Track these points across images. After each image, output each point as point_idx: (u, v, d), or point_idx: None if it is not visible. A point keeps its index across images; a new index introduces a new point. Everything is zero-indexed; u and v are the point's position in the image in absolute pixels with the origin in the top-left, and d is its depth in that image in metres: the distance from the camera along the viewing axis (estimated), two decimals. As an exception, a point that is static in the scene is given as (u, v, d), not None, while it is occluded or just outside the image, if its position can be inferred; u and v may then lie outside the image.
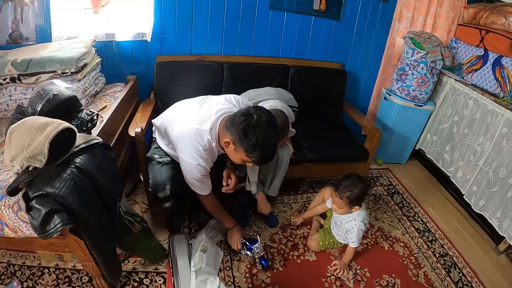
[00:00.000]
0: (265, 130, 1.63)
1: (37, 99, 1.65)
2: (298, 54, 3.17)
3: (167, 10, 2.65)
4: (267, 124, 1.65)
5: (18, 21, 2.34)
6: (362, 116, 3.13)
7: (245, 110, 1.70)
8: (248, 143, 1.63)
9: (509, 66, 2.75)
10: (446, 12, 3.25)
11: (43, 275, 1.98)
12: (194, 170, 1.82)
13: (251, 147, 1.64)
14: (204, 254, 2.06)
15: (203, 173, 1.85)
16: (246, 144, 1.64)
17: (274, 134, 1.69)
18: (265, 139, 1.63)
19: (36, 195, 1.31)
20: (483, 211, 2.68)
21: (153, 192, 2.00)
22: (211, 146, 1.82)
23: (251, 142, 1.62)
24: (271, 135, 1.66)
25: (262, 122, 1.64)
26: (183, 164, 1.85)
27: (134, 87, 2.72)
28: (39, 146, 1.30)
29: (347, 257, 2.27)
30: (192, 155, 1.78)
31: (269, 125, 1.66)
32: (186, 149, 1.79)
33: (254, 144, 1.62)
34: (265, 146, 1.65)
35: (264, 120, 1.65)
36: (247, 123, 1.64)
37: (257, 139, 1.62)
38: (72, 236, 1.49)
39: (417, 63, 3.04)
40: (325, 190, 2.55)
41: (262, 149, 1.65)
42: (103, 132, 1.92)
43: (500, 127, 2.56)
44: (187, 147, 1.79)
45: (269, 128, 1.66)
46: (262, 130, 1.62)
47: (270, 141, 1.67)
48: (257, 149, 1.64)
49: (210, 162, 1.88)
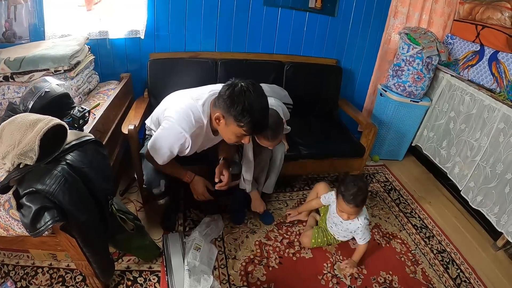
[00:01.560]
0: (250, 96, 1.60)
1: (29, 96, 1.63)
2: (292, 50, 3.15)
3: (161, 7, 2.64)
4: (253, 91, 1.62)
5: (12, 20, 2.32)
6: (358, 112, 3.11)
7: (230, 82, 1.68)
8: (236, 110, 1.60)
9: (506, 61, 2.74)
10: (442, 8, 3.24)
11: (37, 275, 1.97)
12: (177, 138, 1.77)
13: (239, 114, 1.60)
14: (197, 252, 2.04)
15: (180, 144, 1.79)
16: (234, 111, 1.61)
17: (262, 100, 1.67)
18: (252, 104, 1.60)
19: (26, 192, 1.30)
20: (481, 207, 2.67)
21: (148, 189, 1.99)
22: (202, 122, 1.80)
23: (238, 108, 1.59)
24: (258, 100, 1.64)
25: (248, 89, 1.61)
26: (165, 127, 1.80)
27: (128, 85, 2.71)
28: (30, 143, 1.29)
29: (358, 255, 2.25)
30: (183, 121, 1.75)
31: (255, 91, 1.63)
32: (179, 115, 1.77)
33: (241, 110, 1.59)
34: (253, 111, 1.61)
35: (250, 87, 1.63)
36: (231, 91, 1.62)
37: (243, 104, 1.59)
38: (63, 234, 1.48)
39: (413, 59, 3.03)
40: (319, 185, 2.55)
41: (251, 115, 1.61)
42: (95, 130, 1.91)
43: (497, 122, 2.55)
44: (179, 114, 1.77)
45: (256, 93, 1.63)
46: (248, 96, 1.60)
47: (258, 106, 1.64)
48: (246, 115, 1.60)
49: (193, 141, 1.83)
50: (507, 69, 2.72)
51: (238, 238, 2.38)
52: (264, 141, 2.08)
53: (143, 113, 2.44)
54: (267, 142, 2.07)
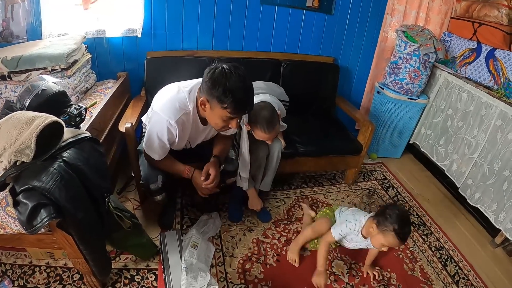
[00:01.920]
0: (232, 77, 1.61)
1: (26, 94, 1.63)
2: (289, 48, 3.15)
3: (158, 6, 2.64)
4: (234, 71, 1.63)
5: (9, 19, 2.31)
6: (355, 110, 3.11)
7: (212, 65, 1.68)
8: (218, 91, 1.61)
9: (503, 58, 2.75)
10: (439, 6, 3.25)
11: (34, 274, 1.96)
12: (163, 129, 1.79)
13: (221, 94, 1.61)
14: (194, 249, 2.04)
15: (167, 132, 1.80)
16: (216, 93, 1.62)
17: (244, 80, 1.66)
18: (234, 84, 1.61)
19: (22, 189, 1.30)
20: (479, 204, 2.68)
21: (145, 184, 1.99)
22: (188, 109, 1.81)
23: (220, 89, 1.60)
24: (239, 79, 1.63)
25: (230, 70, 1.62)
26: (153, 119, 1.83)
27: (125, 84, 2.71)
28: (26, 140, 1.29)
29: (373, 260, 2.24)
30: (167, 109, 1.78)
31: (237, 72, 1.63)
32: (163, 104, 1.80)
33: (223, 90, 1.60)
34: (235, 91, 1.61)
35: (232, 69, 1.64)
36: (212, 73, 1.63)
37: (225, 85, 1.60)
38: (60, 232, 1.47)
39: (410, 56, 3.03)
40: (323, 223, 2.22)
41: (233, 95, 1.61)
42: (92, 128, 1.91)
43: (494, 119, 2.56)
44: (163, 104, 1.80)
45: (237, 74, 1.63)
46: (229, 77, 1.61)
47: (240, 85, 1.64)
48: (228, 95, 1.61)
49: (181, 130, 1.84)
50: (504, 66, 2.73)
51: (235, 235, 2.38)
52: (260, 133, 2.08)
53: (140, 111, 2.43)
54: (263, 134, 2.08)
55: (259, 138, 2.15)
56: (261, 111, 2.06)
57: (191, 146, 2.12)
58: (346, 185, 3.11)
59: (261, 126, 2.05)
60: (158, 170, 1.99)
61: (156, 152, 1.89)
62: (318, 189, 3.00)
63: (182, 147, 2.07)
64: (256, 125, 2.07)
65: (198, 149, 2.18)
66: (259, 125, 2.05)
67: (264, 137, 2.12)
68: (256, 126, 2.07)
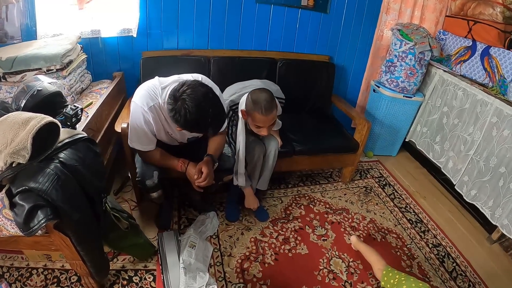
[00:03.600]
0: (184, 103, 1.61)
1: (21, 95, 1.62)
2: (285, 47, 3.15)
3: (153, 5, 2.63)
4: (189, 95, 1.62)
5: (3, 20, 2.30)
6: (351, 108, 3.12)
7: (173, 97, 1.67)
8: (173, 117, 1.67)
9: (497, 56, 2.76)
10: (434, 4, 3.26)
11: (32, 276, 1.95)
12: (139, 115, 1.80)
13: (174, 119, 1.67)
14: (192, 249, 2.04)
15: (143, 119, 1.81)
16: (172, 117, 1.67)
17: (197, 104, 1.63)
18: (186, 112, 1.61)
19: (19, 191, 1.29)
20: (475, 200, 2.68)
21: (141, 181, 1.98)
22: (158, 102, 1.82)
23: (173, 116, 1.66)
24: (192, 104, 1.61)
25: (184, 95, 1.62)
26: (131, 109, 1.85)
27: (121, 84, 2.70)
28: (22, 141, 1.28)
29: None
30: (141, 96, 1.81)
31: (192, 95, 1.62)
32: (139, 93, 1.83)
33: (173, 117, 1.66)
34: (185, 119, 1.63)
35: (187, 93, 1.63)
36: (170, 100, 1.66)
37: (177, 113, 1.63)
38: (57, 233, 1.46)
39: (405, 55, 3.04)
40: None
41: (184, 121, 1.64)
42: (88, 128, 1.90)
43: (490, 116, 2.57)
44: (140, 92, 1.83)
45: (190, 98, 1.62)
46: (182, 103, 1.61)
47: (192, 112, 1.62)
48: (179, 120, 1.65)
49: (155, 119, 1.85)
50: (499, 64, 2.74)
51: (233, 235, 2.38)
52: (257, 115, 2.02)
53: (136, 111, 2.41)
54: (261, 117, 2.02)
55: (256, 125, 2.10)
56: (259, 93, 2.04)
57: (183, 141, 2.11)
58: (343, 183, 3.11)
59: (259, 108, 1.99)
60: (153, 166, 1.99)
61: (141, 142, 1.89)
62: (315, 188, 3.00)
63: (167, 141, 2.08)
64: (254, 107, 2.01)
65: (193, 146, 2.18)
66: (257, 106, 2.00)
67: (262, 121, 2.05)
68: (254, 109, 2.01)
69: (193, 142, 2.16)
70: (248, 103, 2.06)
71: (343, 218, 2.66)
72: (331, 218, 2.65)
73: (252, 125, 2.14)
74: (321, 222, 2.60)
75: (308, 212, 2.68)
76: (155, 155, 1.97)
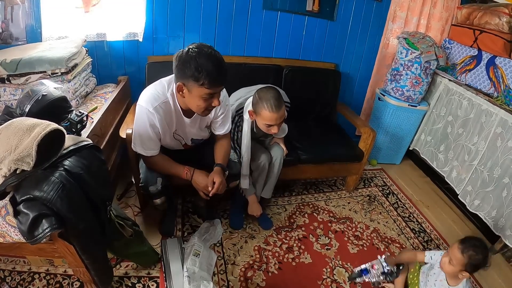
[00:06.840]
0: (200, 52, 1.59)
1: (26, 100, 1.60)
2: (291, 54, 3.14)
3: (159, 10, 2.62)
4: (201, 48, 1.62)
5: (8, 21, 2.29)
6: (356, 117, 3.11)
7: (178, 51, 1.67)
8: (190, 69, 1.59)
9: (503, 66, 2.75)
10: (440, 13, 3.26)
11: (34, 281, 1.94)
12: (143, 117, 1.79)
13: (195, 71, 1.59)
14: (196, 258, 2.02)
15: (149, 121, 1.80)
16: (189, 72, 1.60)
17: (212, 51, 1.64)
18: (203, 58, 1.59)
19: (23, 199, 1.27)
20: (478, 210, 2.68)
21: (144, 187, 1.96)
22: (166, 98, 1.80)
23: (192, 67, 1.58)
24: (208, 52, 1.62)
25: (196, 47, 1.61)
26: (136, 112, 1.83)
27: (126, 88, 2.69)
28: (27, 148, 1.26)
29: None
30: (145, 98, 1.79)
31: (203, 48, 1.62)
32: (144, 95, 1.82)
33: (195, 67, 1.58)
34: (206, 63, 1.59)
35: (198, 45, 1.63)
36: (180, 57, 1.63)
37: (195, 61, 1.58)
38: (61, 241, 1.45)
39: (411, 63, 3.03)
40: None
41: (206, 68, 1.59)
42: (93, 134, 1.89)
43: (495, 126, 2.56)
44: (145, 95, 1.82)
45: (204, 49, 1.62)
46: (197, 54, 1.59)
47: (209, 58, 1.61)
48: (201, 70, 1.59)
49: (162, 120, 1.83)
50: (505, 74, 2.73)
51: (237, 243, 2.36)
52: (266, 113, 2.00)
53: (141, 116, 2.40)
54: (270, 114, 2.00)
55: (265, 123, 2.07)
56: (267, 91, 2.03)
57: (186, 142, 2.09)
58: (346, 192, 3.10)
59: (267, 105, 1.98)
60: (158, 172, 1.97)
61: (144, 147, 1.87)
62: (319, 196, 2.99)
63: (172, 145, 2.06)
64: (262, 104, 1.99)
65: (197, 152, 2.17)
66: (266, 103, 1.98)
67: (272, 118, 2.03)
68: (262, 107, 1.99)
69: (197, 148, 2.15)
70: (256, 102, 2.05)
71: (347, 227, 2.65)
72: (335, 227, 2.63)
73: (261, 124, 2.12)
74: (324, 231, 2.58)
75: (312, 221, 2.67)
76: (159, 161, 1.95)
